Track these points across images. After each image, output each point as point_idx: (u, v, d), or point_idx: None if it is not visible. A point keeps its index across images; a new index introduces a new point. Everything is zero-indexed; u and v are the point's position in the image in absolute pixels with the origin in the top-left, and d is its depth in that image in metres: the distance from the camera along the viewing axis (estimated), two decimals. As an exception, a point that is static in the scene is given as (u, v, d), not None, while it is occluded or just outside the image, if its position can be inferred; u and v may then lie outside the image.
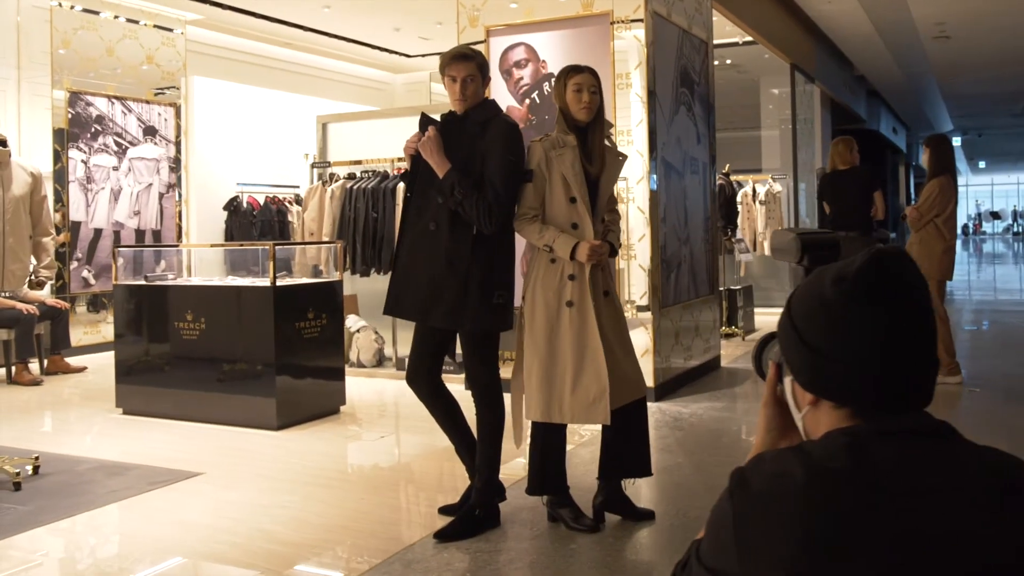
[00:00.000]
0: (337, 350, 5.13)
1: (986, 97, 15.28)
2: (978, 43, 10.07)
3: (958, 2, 8.21)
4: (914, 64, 11.55)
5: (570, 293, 2.75)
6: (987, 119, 19.37)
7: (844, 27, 9.30)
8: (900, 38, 9.75)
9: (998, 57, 11.05)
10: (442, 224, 2.85)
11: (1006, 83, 13.49)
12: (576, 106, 2.85)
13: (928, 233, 5.19)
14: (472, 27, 5.50)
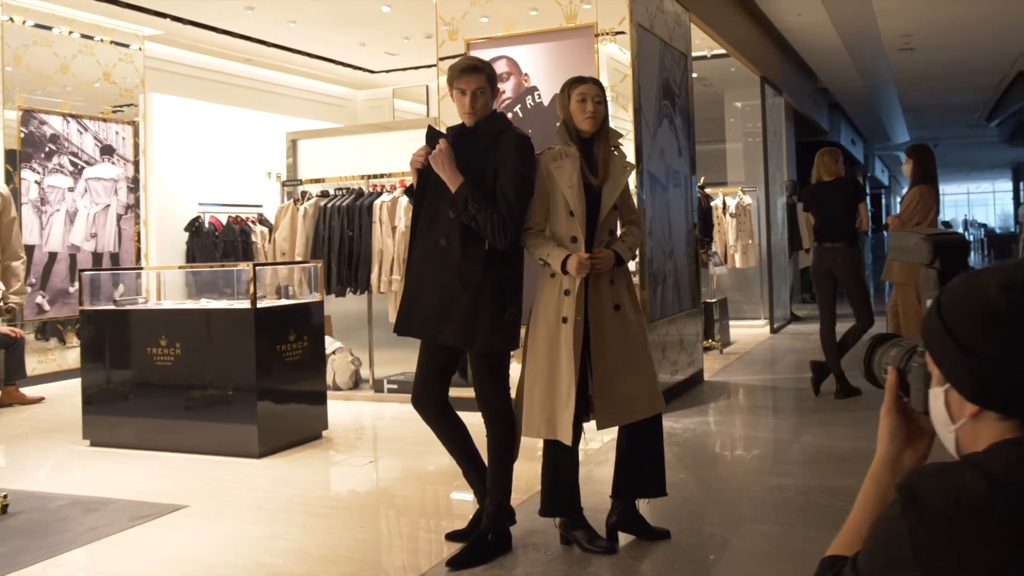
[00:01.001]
0: (319, 373, 5.07)
1: (944, 108, 15.79)
2: (941, 55, 10.41)
3: (925, 14, 8.49)
4: (877, 76, 11.89)
5: (565, 309, 2.75)
6: (943, 130, 20.01)
7: (811, 39, 9.54)
8: (866, 50, 10.03)
9: (959, 68, 11.43)
10: (453, 239, 2.82)
11: (965, 94, 13.97)
12: (580, 116, 2.85)
13: (912, 242, 5.31)
14: (452, 40, 5.50)
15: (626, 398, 2.80)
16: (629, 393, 2.81)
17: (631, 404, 2.81)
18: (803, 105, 11.99)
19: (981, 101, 14.99)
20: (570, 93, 2.88)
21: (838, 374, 5.44)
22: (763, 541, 2.93)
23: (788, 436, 4.50)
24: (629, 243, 2.91)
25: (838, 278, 5.47)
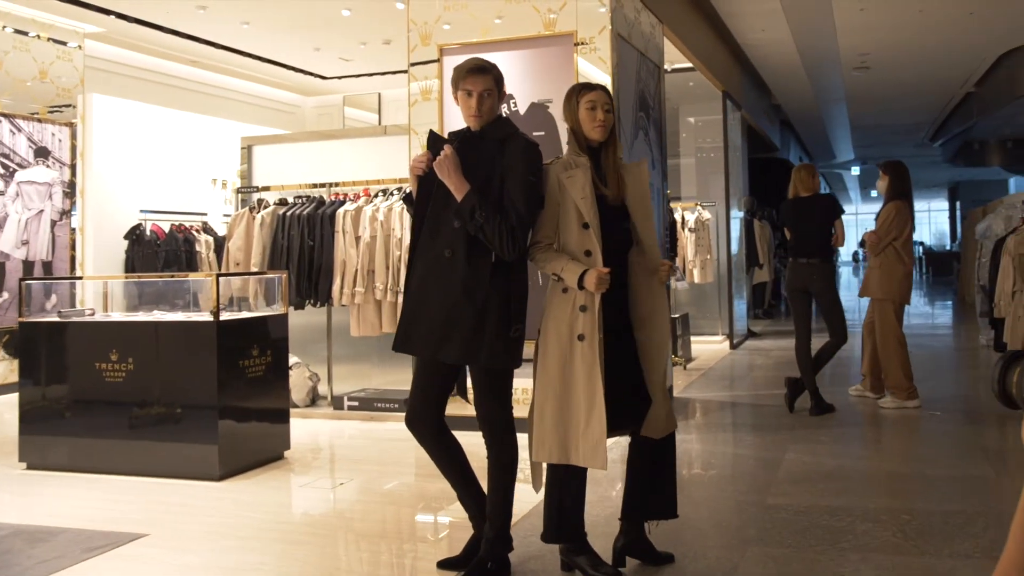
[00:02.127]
0: (282, 390, 4.91)
1: (890, 127, 16.35)
2: (894, 74, 10.77)
3: (883, 34, 8.76)
4: (830, 93, 12.23)
5: (581, 326, 2.66)
6: (888, 149, 20.70)
7: (771, 55, 9.75)
8: (823, 68, 10.31)
9: (910, 88, 11.85)
10: (459, 250, 2.72)
11: (912, 114, 14.48)
12: (590, 124, 2.80)
13: (888, 257, 5.42)
14: (424, 45, 5.41)
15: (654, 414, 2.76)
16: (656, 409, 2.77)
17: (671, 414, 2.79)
18: (759, 121, 12.25)
19: (927, 121, 15.57)
20: (579, 100, 2.81)
21: (813, 391, 5.49)
22: (773, 565, 2.90)
23: (771, 454, 4.50)
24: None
25: (813, 293, 5.54)
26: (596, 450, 2.57)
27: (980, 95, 11.70)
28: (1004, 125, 13.70)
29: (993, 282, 5.99)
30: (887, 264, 5.43)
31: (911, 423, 5.20)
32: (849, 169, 25.00)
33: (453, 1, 5.32)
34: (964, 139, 16.40)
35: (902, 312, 5.53)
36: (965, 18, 8.07)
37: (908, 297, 5.48)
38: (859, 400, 5.92)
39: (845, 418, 5.40)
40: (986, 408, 5.65)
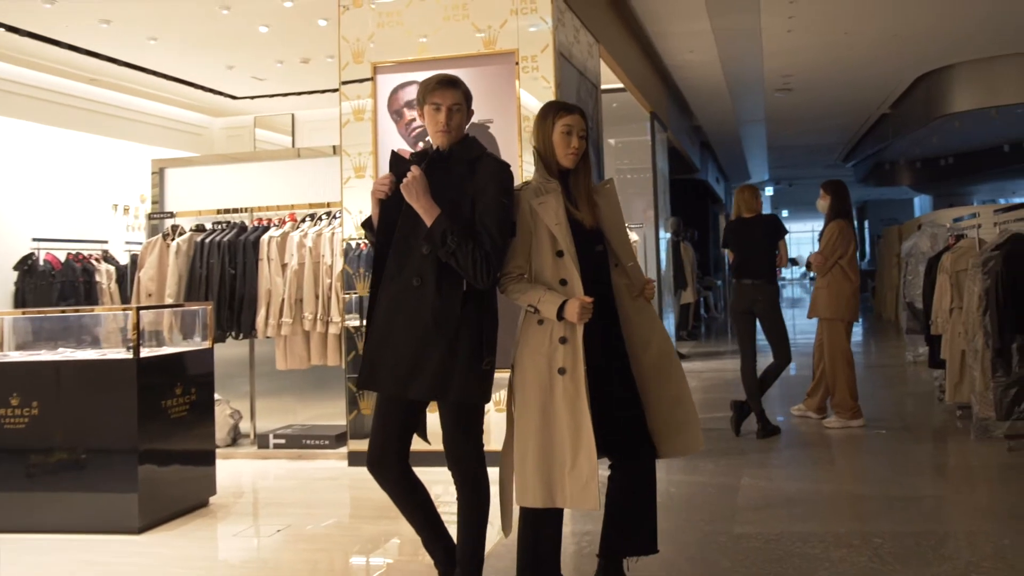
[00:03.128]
0: (207, 430, 4.67)
1: (805, 148, 17.05)
2: (814, 96, 11.23)
3: (807, 55, 9.12)
4: (752, 115, 12.66)
5: (562, 359, 2.57)
6: (801, 169, 21.60)
7: (697, 77, 10.02)
8: (746, 89, 10.65)
9: (828, 110, 12.38)
10: (428, 278, 2.60)
11: (827, 134, 15.14)
12: (564, 150, 2.73)
13: (835, 276, 5.57)
14: (356, 63, 5.28)
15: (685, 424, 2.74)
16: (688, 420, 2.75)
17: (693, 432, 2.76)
18: (681, 142, 12.55)
19: (841, 142, 16.30)
20: (555, 122, 2.74)
21: (759, 413, 5.56)
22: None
23: (727, 480, 4.51)
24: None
25: (758, 315, 5.63)
26: (586, 489, 2.48)
27: (895, 116, 12.34)
28: (915, 146, 14.48)
29: (927, 300, 6.22)
30: (834, 283, 5.57)
31: (860, 443, 5.32)
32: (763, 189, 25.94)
33: (387, 17, 5.22)
34: (876, 160, 17.24)
35: (850, 330, 5.68)
36: (888, 40, 8.49)
37: (856, 314, 5.64)
38: (802, 420, 6.03)
39: (793, 440, 5.49)
40: (928, 425, 5.86)
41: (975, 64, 9.52)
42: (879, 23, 7.93)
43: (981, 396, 4.95)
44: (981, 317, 4.81)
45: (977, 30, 8.30)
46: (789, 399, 6.28)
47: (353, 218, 5.46)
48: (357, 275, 5.51)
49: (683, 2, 7.15)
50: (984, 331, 4.80)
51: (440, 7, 5.11)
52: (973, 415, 5.15)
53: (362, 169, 5.41)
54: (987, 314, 4.76)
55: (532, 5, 4.93)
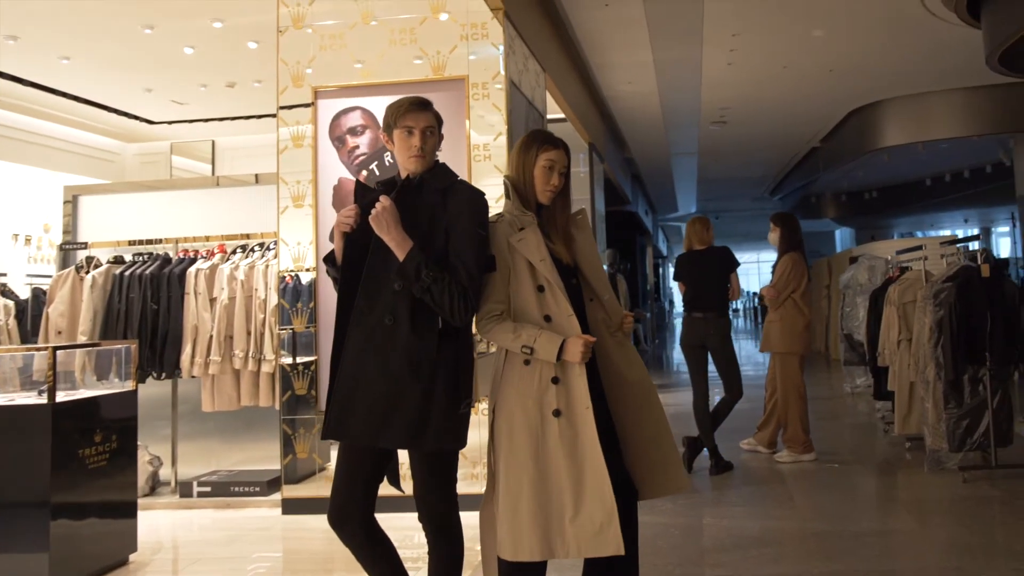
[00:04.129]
0: (129, 481, 4.39)
1: (734, 181, 17.52)
2: (748, 128, 11.55)
3: (745, 88, 9.37)
4: (685, 147, 12.93)
5: (556, 400, 2.47)
6: (728, 202, 22.19)
7: (634, 108, 10.17)
8: (682, 121, 10.88)
9: (760, 143, 12.74)
10: (401, 316, 2.46)
11: (757, 167, 15.58)
12: (543, 186, 2.64)
13: (788, 309, 5.63)
14: (296, 87, 5.13)
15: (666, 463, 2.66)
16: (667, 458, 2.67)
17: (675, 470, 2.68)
18: (615, 174, 12.70)
19: (770, 175, 16.81)
20: (538, 154, 2.65)
21: (712, 448, 5.56)
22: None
23: (688, 520, 4.46)
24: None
25: (710, 349, 5.64)
26: (602, 535, 2.36)
27: (825, 150, 12.79)
28: (842, 179, 15.03)
29: (872, 332, 6.37)
30: (787, 317, 5.63)
31: (814, 477, 5.36)
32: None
33: (329, 40, 5.09)
34: (804, 193, 17.84)
35: (803, 363, 5.75)
36: (824, 75, 8.80)
37: (808, 348, 5.71)
38: (752, 455, 6.06)
39: (747, 476, 5.49)
40: (878, 457, 5.96)
41: (906, 100, 9.96)
42: (817, 57, 8.21)
43: (933, 428, 5.06)
44: (933, 348, 4.92)
45: (910, 67, 8.68)
46: (737, 433, 6.30)
47: (291, 250, 5.28)
48: (294, 310, 5.30)
49: (627, 33, 7.25)
50: (936, 362, 4.92)
51: (386, 31, 5.02)
52: (926, 447, 5.26)
53: (300, 198, 5.24)
54: (939, 345, 4.88)
55: (483, 31, 4.89)
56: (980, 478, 4.98)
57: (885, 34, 7.54)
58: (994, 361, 4.84)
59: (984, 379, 4.91)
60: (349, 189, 5.20)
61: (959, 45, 7.65)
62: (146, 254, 5.93)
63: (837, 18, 7.06)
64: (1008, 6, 5.80)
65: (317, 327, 5.16)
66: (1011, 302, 4.82)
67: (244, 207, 6.31)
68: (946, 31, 7.27)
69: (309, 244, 5.24)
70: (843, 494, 4.99)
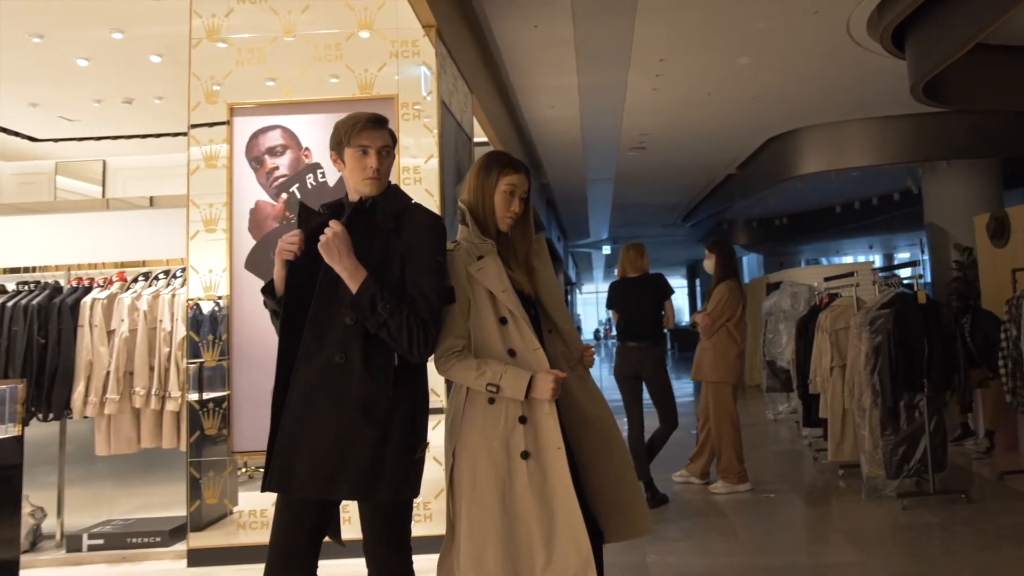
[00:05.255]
0: (11, 536, 4.04)
1: (648, 207, 17.84)
2: (667, 154, 11.75)
3: (667, 115, 9.52)
4: (602, 173, 13.06)
5: (524, 441, 2.35)
6: (640, 229, 22.59)
7: (554, 133, 10.21)
8: (601, 147, 10.98)
9: (678, 168, 12.99)
10: (353, 354, 2.29)
11: (672, 194, 15.90)
12: (504, 212, 2.55)
13: (721, 338, 5.66)
14: (210, 103, 4.88)
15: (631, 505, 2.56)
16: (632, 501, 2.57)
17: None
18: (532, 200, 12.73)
19: (684, 202, 17.19)
20: (499, 178, 2.55)
21: (647, 481, 5.52)
22: None
23: (632, 559, 4.39)
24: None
25: (644, 379, 5.62)
26: None
27: (741, 177, 13.16)
28: (754, 206, 15.50)
29: (801, 358, 6.50)
30: (720, 345, 5.66)
31: (752, 508, 5.38)
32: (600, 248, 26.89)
33: (248, 54, 4.88)
34: (717, 219, 18.32)
35: (736, 393, 5.78)
36: (747, 102, 9.03)
37: (741, 377, 5.75)
38: (686, 487, 6.05)
39: (684, 509, 5.47)
40: (813, 486, 6.04)
41: (823, 128, 10.34)
42: (742, 84, 8.41)
43: (870, 455, 5.16)
44: (869, 375, 5.03)
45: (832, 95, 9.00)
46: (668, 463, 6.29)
47: (201, 277, 5.00)
48: (205, 343, 5.02)
49: (554, 56, 7.26)
50: (872, 389, 5.02)
51: (310, 45, 4.84)
52: (862, 474, 5.35)
53: (213, 222, 4.98)
54: (876, 372, 4.99)
55: (414, 49, 4.78)
56: (918, 505, 5.10)
57: (811, 63, 7.80)
58: (931, 387, 4.97)
59: (920, 405, 5.04)
60: (267, 213, 4.98)
61: (882, 75, 7.98)
62: (32, 283, 5.53)
63: (765, 46, 7.26)
64: (932, 38, 6.08)
65: (231, 360, 4.89)
66: (948, 328, 4.98)
67: (139, 232, 6.01)
68: (871, 61, 7.57)
69: (222, 271, 4.97)
70: (784, 525, 5.02)
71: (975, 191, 10.26)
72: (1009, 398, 5.43)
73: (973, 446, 6.76)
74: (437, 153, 4.80)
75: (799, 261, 23.35)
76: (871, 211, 15.23)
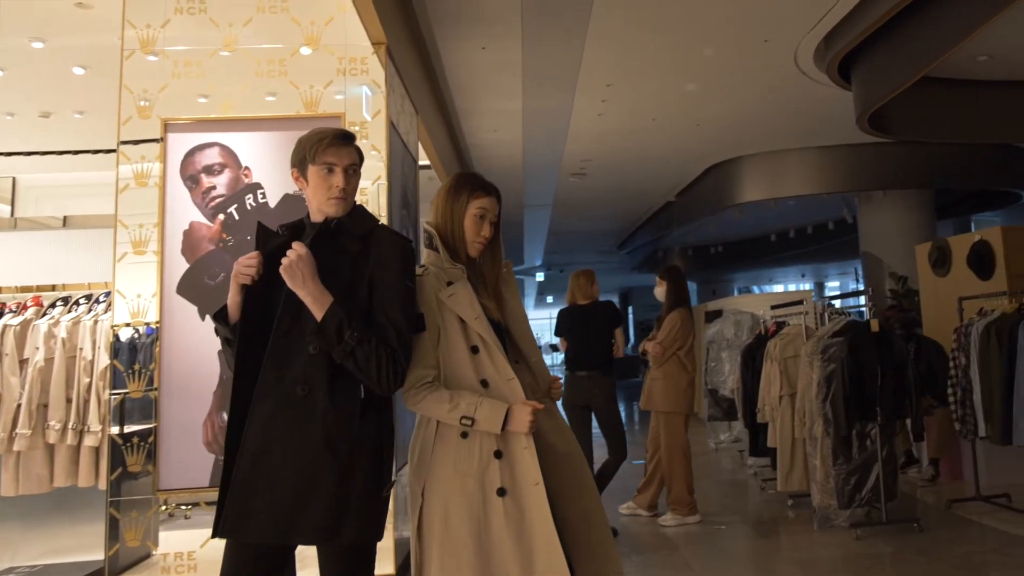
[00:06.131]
0: None
1: (584, 234, 17.98)
2: (607, 181, 11.85)
3: (610, 141, 9.59)
4: (541, 199, 13.11)
5: (499, 477, 2.26)
6: (574, 255, 22.74)
7: (495, 158, 10.19)
8: (541, 172, 11.01)
9: (618, 195, 13.11)
10: (317, 386, 2.16)
11: (610, 221, 16.05)
12: (474, 237, 2.47)
13: (672, 367, 5.65)
14: (142, 118, 4.69)
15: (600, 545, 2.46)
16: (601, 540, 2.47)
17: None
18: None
19: (620, 229, 17.37)
20: (469, 201, 2.47)
21: (598, 515, 5.45)
22: None
23: (587, 597, 4.29)
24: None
25: (594, 409, 5.58)
26: None
27: (680, 205, 13.35)
28: (691, 233, 15.74)
29: (748, 386, 6.56)
30: (671, 374, 5.65)
31: (704, 540, 5.37)
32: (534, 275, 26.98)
33: (185, 67, 4.71)
34: (654, 247, 18.56)
35: (687, 422, 5.78)
36: (691, 129, 9.17)
37: (692, 406, 5.74)
38: (633, 519, 6.01)
39: (635, 543, 5.42)
40: (763, 516, 6.06)
41: (764, 156, 10.57)
42: (687, 111, 8.54)
43: (822, 485, 5.20)
44: (821, 404, 5.09)
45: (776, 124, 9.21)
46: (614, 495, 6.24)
47: (128, 302, 4.77)
48: (130, 372, 4.78)
49: (500, 79, 7.25)
50: (824, 418, 5.08)
51: (251, 60, 4.70)
52: (813, 504, 5.39)
53: (143, 244, 4.77)
54: (827, 401, 5.04)
55: (363, 67, 4.69)
56: (871, 535, 5.15)
57: (757, 91, 7.96)
58: (884, 415, 5.05)
59: (872, 434, 5.11)
60: (202, 234, 4.80)
61: (826, 104, 8.20)
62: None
63: (713, 73, 7.38)
64: (879, 70, 6.27)
65: (159, 391, 4.67)
66: (899, 356, 5.08)
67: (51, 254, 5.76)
68: (816, 91, 7.77)
69: (152, 296, 4.76)
70: (738, 557, 5.01)
71: (910, 221, 10.62)
72: (958, 426, 5.55)
73: (918, 474, 6.91)
74: (385, 175, 4.70)
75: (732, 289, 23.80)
76: (806, 240, 15.63)
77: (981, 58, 6.97)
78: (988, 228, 6.93)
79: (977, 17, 5.12)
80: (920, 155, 9.89)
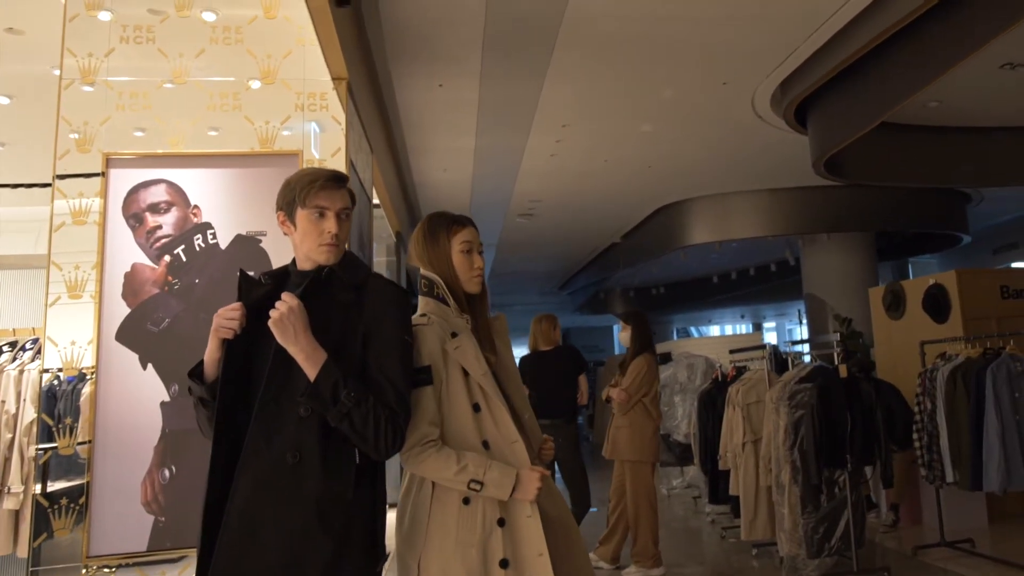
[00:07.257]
0: None
1: (527, 275, 17.95)
2: (555, 221, 11.84)
3: (561, 181, 9.57)
4: (486, 239, 12.98)
5: (503, 548, 2.10)
6: (515, 296, 22.72)
7: (442, 197, 10.08)
8: (489, 212, 10.94)
9: (564, 236, 13.11)
10: (309, 451, 1.97)
11: (553, 261, 16.05)
12: (468, 273, 2.36)
13: (637, 414, 5.54)
14: (81, 152, 4.44)
15: None
16: None
17: None
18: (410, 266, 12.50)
19: (564, 269, 17.39)
20: (450, 239, 2.35)
21: (560, 570, 5.28)
22: None
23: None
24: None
25: (558, 459, 5.44)
26: None
27: (625, 246, 13.39)
28: (634, 275, 15.82)
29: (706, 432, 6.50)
30: (637, 422, 5.54)
31: (671, 596, 5.24)
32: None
33: (129, 99, 4.48)
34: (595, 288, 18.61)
35: (655, 471, 5.67)
36: (643, 171, 9.20)
37: (658, 455, 5.64)
38: (595, 572, 5.85)
39: (601, 597, 5.27)
40: (727, 566, 5.97)
41: (711, 199, 10.68)
42: (640, 153, 8.57)
43: (790, 534, 5.13)
44: (789, 451, 5.03)
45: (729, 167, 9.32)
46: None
47: (61, 351, 4.47)
48: (60, 427, 4.47)
49: (455, 116, 7.16)
50: (792, 465, 5.02)
51: (203, 93, 4.50)
52: (780, 553, 5.32)
53: (79, 286, 4.49)
54: (795, 448, 5.00)
55: (322, 102, 4.53)
56: (841, 585, 5.11)
57: (712, 134, 8.03)
58: (854, 461, 5.02)
59: (841, 481, 5.08)
60: (146, 277, 4.54)
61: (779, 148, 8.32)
62: None
63: (669, 114, 7.41)
64: (837, 115, 6.38)
65: (93, 446, 4.36)
66: (867, 401, 5.07)
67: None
68: (770, 134, 7.87)
69: (88, 343, 4.46)
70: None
71: (852, 263, 10.83)
72: (925, 472, 5.57)
73: (876, 519, 6.92)
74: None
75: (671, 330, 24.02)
76: (747, 281, 15.86)
77: (932, 104, 7.16)
78: (943, 272, 7.06)
79: (935, 66, 5.24)
80: (866, 198, 10.13)
